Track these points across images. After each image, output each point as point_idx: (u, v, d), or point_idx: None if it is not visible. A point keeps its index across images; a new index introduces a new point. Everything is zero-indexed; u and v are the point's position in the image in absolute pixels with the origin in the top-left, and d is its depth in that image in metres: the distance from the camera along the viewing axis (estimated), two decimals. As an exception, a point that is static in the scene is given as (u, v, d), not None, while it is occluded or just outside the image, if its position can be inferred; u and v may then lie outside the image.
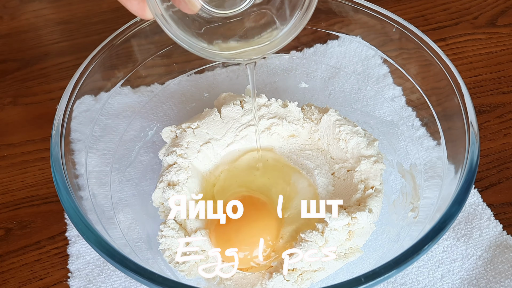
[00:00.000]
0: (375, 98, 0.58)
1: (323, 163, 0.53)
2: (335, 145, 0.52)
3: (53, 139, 0.43)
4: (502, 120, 0.63)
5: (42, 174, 0.59)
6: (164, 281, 0.36)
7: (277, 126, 0.53)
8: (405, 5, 0.77)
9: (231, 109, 0.53)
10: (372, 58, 0.60)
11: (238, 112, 0.53)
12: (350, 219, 0.44)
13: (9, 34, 0.76)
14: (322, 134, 0.53)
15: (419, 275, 0.51)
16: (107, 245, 0.38)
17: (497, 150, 0.60)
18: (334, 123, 0.52)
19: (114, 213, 0.47)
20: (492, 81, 0.67)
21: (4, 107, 0.66)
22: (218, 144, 0.53)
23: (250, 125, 0.53)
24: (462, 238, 0.53)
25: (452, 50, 0.71)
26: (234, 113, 0.53)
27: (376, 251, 0.47)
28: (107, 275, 0.51)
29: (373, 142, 0.51)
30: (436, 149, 0.49)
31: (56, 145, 0.43)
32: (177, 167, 0.49)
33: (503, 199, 0.56)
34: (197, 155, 0.51)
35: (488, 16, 0.75)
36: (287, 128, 0.53)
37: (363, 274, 0.35)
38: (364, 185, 0.49)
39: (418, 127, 0.53)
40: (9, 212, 0.56)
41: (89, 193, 0.45)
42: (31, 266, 0.52)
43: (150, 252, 0.47)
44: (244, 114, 0.53)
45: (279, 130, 0.54)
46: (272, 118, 0.53)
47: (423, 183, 0.49)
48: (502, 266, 0.51)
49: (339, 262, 0.44)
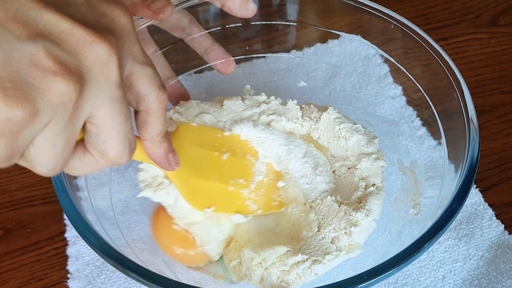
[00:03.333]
0: (376, 97, 0.58)
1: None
2: (335, 143, 0.52)
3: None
4: (503, 120, 0.63)
5: (41, 174, 0.59)
6: (165, 281, 0.36)
7: (277, 123, 0.53)
8: (406, 4, 0.77)
9: (233, 102, 0.53)
10: (373, 57, 0.60)
11: (240, 106, 0.53)
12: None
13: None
14: (321, 132, 0.53)
15: (420, 275, 0.50)
16: (107, 245, 0.38)
17: (498, 150, 0.60)
18: (333, 121, 0.52)
19: (114, 214, 0.47)
20: (494, 81, 0.67)
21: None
22: (214, 120, 0.53)
23: (252, 120, 0.53)
24: (463, 238, 0.52)
25: (453, 50, 0.71)
26: (236, 106, 0.53)
27: (377, 250, 0.47)
28: (107, 276, 0.51)
29: (373, 140, 0.51)
30: (437, 149, 0.49)
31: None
32: (170, 123, 0.49)
33: (504, 199, 0.56)
34: (194, 118, 0.51)
35: (490, 15, 0.75)
36: (286, 125, 0.53)
37: (365, 272, 0.35)
38: (365, 182, 0.48)
39: (419, 127, 0.53)
40: (8, 212, 0.56)
41: (88, 194, 0.45)
42: (30, 266, 0.52)
43: (149, 253, 0.47)
44: (245, 109, 0.53)
45: (278, 126, 0.53)
46: (271, 115, 0.53)
47: (424, 181, 0.49)
48: (504, 266, 0.50)
49: (338, 258, 0.44)
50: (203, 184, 0.46)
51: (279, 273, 0.44)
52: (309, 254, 0.44)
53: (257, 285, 0.45)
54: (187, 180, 0.45)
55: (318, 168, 0.49)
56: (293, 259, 0.43)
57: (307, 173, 0.49)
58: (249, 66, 0.64)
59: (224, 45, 0.57)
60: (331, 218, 0.46)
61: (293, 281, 0.43)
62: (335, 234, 0.45)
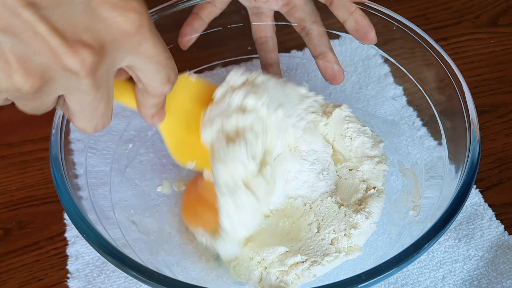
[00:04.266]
0: (376, 98, 0.58)
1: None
2: (340, 141, 0.52)
3: (52, 137, 0.43)
4: (503, 120, 0.63)
5: (41, 174, 0.59)
6: (164, 279, 0.36)
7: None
8: (406, 4, 0.77)
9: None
10: (373, 57, 0.60)
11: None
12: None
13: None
14: (330, 128, 0.53)
15: (420, 276, 0.50)
16: (107, 244, 0.38)
17: (498, 150, 0.60)
18: (344, 119, 0.51)
19: (114, 213, 0.47)
20: (494, 81, 0.67)
21: (3, 107, 0.66)
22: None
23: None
24: (463, 239, 0.52)
25: (453, 50, 0.71)
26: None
27: (377, 251, 0.47)
28: (107, 275, 0.51)
29: (379, 144, 0.51)
30: (437, 149, 0.49)
31: (56, 143, 0.43)
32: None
33: (504, 200, 0.56)
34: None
35: (490, 15, 0.75)
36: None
37: (364, 272, 0.35)
38: (366, 185, 0.48)
39: (419, 127, 0.53)
40: (8, 212, 0.56)
41: (88, 193, 0.45)
42: (30, 266, 0.52)
43: (149, 253, 0.47)
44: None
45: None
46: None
47: (424, 182, 0.49)
48: (504, 267, 0.50)
49: (337, 260, 0.44)
50: (190, 139, 0.45)
51: (278, 273, 0.44)
52: (308, 255, 0.44)
53: (256, 285, 0.45)
54: (175, 131, 0.44)
55: (322, 173, 0.49)
56: (292, 259, 0.43)
57: (310, 179, 0.48)
58: (249, 66, 0.64)
59: (225, 45, 0.57)
60: (330, 219, 0.46)
61: (292, 281, 0.43)
62: (334, 236, 0.45)
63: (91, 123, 0.34)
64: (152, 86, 0.35)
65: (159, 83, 0.35)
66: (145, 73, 0.34)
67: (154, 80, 0.34)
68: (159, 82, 0.34)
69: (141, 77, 0.34)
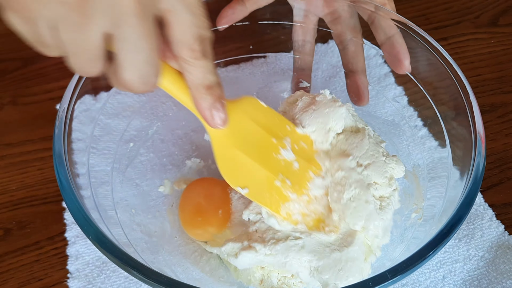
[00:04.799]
0: (377, 98, 0.58)
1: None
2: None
3: (56, 130, 0.43)
4: (503, 120, 0.63)
5: (41, 174, 0.59)
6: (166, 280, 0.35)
7: None
8: (406, 4, 0.77)
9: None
10: (374, 57, 0.60)
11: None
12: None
13: (8, 33, 0.75)
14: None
15: (420, 276, 0.50)
16: (109, 243, 0.37)
17: (498, 150, 0.60)
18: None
19: (116, 213, 0.47)
20: (494, 81, 0.67)
21: (3, 107, 0.66)
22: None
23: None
24: (464, 239, 0.52)
25: (453, 50, 0.71)
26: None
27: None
28: (107, 275, 0.51)
29: (380, 144, 0.50)
30: (439, 150, 0.49)
31: (59, 138, 0.42)
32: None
33: (504, 200, 0.56)
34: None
35: (490, 15, 0.75)
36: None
37: (370, 278, 0.35)
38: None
39: (420, 127, 0.53)
40: (8, 212, 0.56)
41: (91, 192, 0.45)
42: (30, 266, 0.52)
43: (150, 252, 0.47)
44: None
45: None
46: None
47: (426, 184, 0.48)
48: (504, 267, 0.50)
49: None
50: (245, 161, 0.41)
51: (279, 276, 0.43)
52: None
53: (257, 286, 0.45)
54: (229, 149, 0.41)
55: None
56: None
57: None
58: (249, 66, 0.64)
59: (225, 45, 0.57)
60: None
61: (294, 284, 0.43)
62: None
63: (139, 72, 0.31)
64: (182, 42, 0.32)
65: (191, 37, 0.32)
66: (179, 23, 0.32)
67: (186, 33, 0.32)
68: (191, 36, 0.32)
69: (174, 26, 0.32)
